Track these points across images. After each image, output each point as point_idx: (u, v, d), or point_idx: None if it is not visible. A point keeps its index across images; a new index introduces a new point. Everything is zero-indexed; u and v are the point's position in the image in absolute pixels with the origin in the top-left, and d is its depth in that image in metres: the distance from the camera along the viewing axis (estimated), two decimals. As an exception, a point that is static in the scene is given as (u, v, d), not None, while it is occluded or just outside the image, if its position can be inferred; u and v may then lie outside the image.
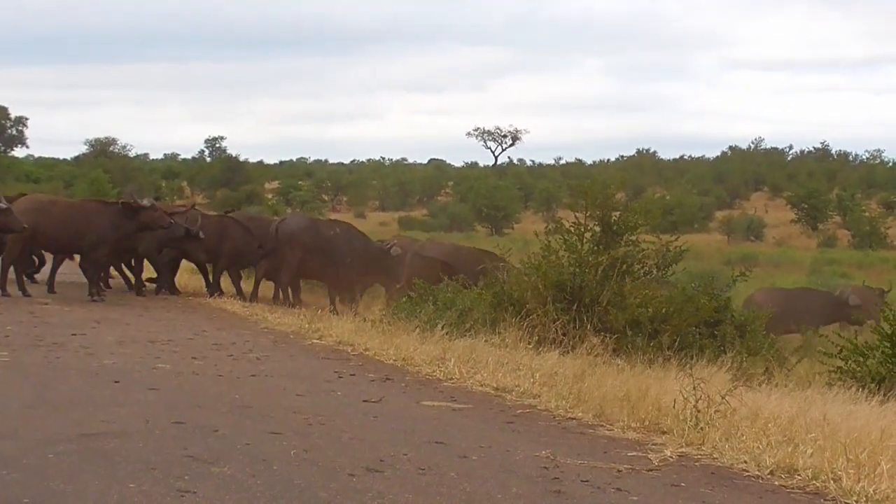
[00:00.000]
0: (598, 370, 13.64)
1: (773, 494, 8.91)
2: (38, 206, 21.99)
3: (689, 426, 10.65)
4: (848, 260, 65.36)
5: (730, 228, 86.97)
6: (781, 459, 9.59)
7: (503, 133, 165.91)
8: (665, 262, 19.39)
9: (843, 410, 11.47)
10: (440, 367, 14.57)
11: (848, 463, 9.30)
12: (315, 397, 12.39)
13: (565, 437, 10.83)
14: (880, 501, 8.53)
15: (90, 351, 15.01)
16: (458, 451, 9.85)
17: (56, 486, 8.02)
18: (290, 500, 7.91)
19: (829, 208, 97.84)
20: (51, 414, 10.69)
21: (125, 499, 7.74)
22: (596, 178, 23.10)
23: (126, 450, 9.25)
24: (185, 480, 8.30)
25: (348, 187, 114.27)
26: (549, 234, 19.05)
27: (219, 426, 10.38)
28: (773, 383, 14.22)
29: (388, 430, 10.64)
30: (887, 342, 14.61)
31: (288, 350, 16.36)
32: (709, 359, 15.32)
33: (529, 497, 8.35)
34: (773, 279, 43.35)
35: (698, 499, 8.60)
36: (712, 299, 18.53)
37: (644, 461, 9.80)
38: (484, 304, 18.01)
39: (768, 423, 10.62)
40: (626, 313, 16.90)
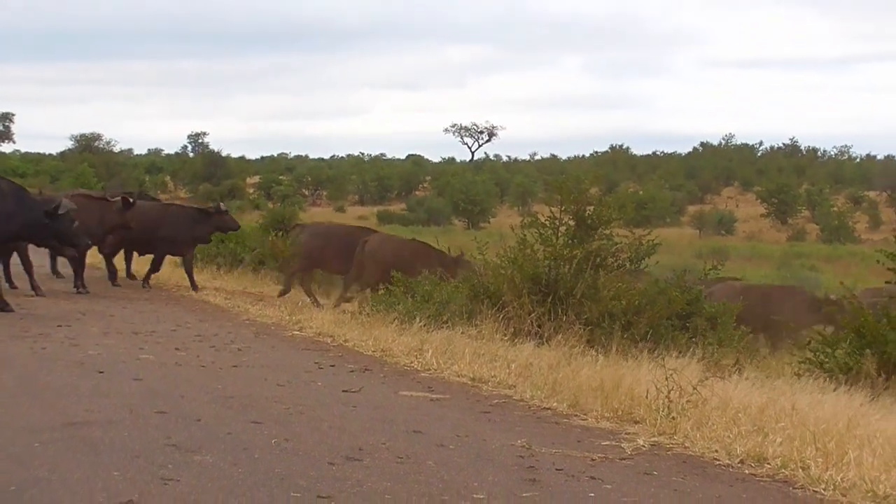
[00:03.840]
0: (573, 361, 13.66)
1: (743, 483, 8.94)
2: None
3: (661, 416, 10.68)
4: (817, 253, 65.69)
5: (701, 223, 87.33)
6: (751, 448, 9.62)
7: (480, 129, 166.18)
8: (638, 256, 19.43)
9: (812, 400, 11.51)
10: (418, 358, 14.58)
11: (816, 452, 9.33)
12: (295, 387, 12.39)
13: (540, 426, 10.84)
14: (847, 489, 8.56)
15: (75, 342, 14.98)
16: (436, 440, 9.85)
17: (41, 474, 8.01)
18: (271, 487, 7.91)
19: (798, 203, 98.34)
20: (36, 403, 10.67)
21: (109, 486, 7.73)
22: (570, 173, 23.15)
23: (110, 439, 9.24)
24: (168, 469, 8.29)
25: (328, 182, 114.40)
26: (524, 228, 19.02)
27: (201, 415, 10.38)
28: (743, 374, 14.24)
29: (367, 420, 10.64)
30: (854, 334, 14.65)
31: (269, 341, 16.35)
32: (681, 350, 15.35)
33: (505, 485, 8.36)
34: (744, 272, 43.44)
35: (670, 487, 8.62)
36: (684, 292, 18.58)
37: (617, 450, 9.82)
38: (461, 296, 18.01)
39: (738, 412, 10.65)
40: (600, 305, 16.93)
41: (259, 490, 7.83)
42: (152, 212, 24.00)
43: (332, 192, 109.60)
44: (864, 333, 14.49)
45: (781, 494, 8.61)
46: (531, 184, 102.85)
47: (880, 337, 14.28)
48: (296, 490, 7.87)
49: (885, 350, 14.15)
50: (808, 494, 8.61)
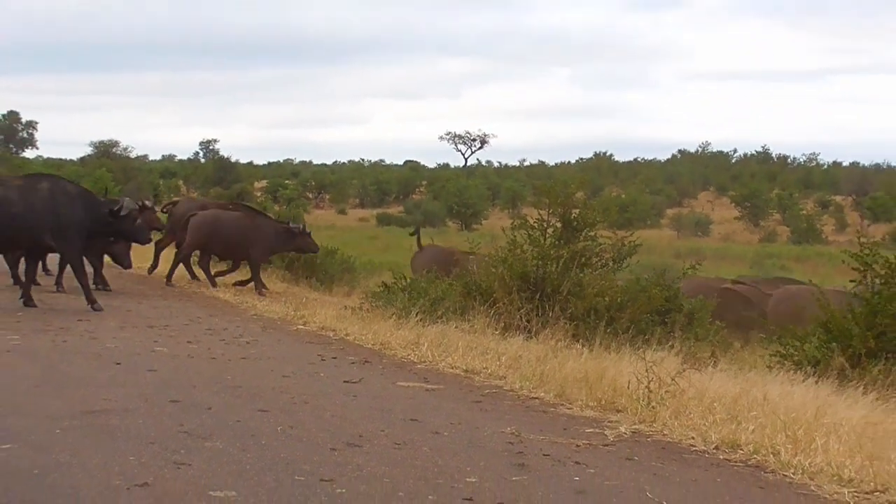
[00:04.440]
0: (560, 354, 13.64)
1: (717, 468, 8.94)
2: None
3: (641, 405, 10.68)
4: (787, 254, 65.75)
5: (679, 225, 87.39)
6: (726, 435, 9.62)
7: (473, 137, 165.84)
8: (620, 256, 19.43)
9: (782, 391, 11.51)
10: (414, 350, 14.57)
11: (786, 438, 9.33)
12: (300, 378, 12.38)
13: (529, 415, 10.84)
14: (815, 474, 8.57)
15: (94, 335, 14.98)
16: (431, 427, 9.85)
17: (62, 459, 8.01)
18: (277, 472, 7.91)
19: (769, 207, 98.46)
20: (57, 393, 10.68)
21: (126, 470, 7.73)
22: (557, 178, 23.13)
23: (127, 426, 9.24)
24: (180, 454, 8.30)
25: (330, 186, 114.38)
26: (514, 229, 19.02)
27: (212, 404, 10.37)
28: (718, 366, 14.24)
29: (367, 409, 10.64)
30: (822, 329, 14.65)
31: (275, 335, 16.35)
32: (660, 343, 15.34)
33: (496, 469, 8.36)
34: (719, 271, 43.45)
35: (650, 471, 8.62)
36: (663, 289, 18.60)
37: (600, 437, 9.82)
38: (454, 293, 18.02)
39: (714, 402, 10.65)
40: (585, 302, 16.93)
41: (266, 474, 7.83)
42: (243, 221, 24.17)
43: (334, 196, 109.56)
44: (830, 329, 14.49)
45: (754, 478, 8.61)
46: (521, 188, 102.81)
47: (846, 332, 14.28)
48: (300, 474, 7.87)
49: (851, 344, 14.14)
50: (779, 478, 8.61)
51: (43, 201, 17.85)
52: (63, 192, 18.13)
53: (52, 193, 17.96)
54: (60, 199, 17.99)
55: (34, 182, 18.37)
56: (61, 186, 18.33)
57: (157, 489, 7.32)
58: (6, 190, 17.85)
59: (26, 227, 17.82)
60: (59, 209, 17.92)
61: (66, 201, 18.02)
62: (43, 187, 18.06)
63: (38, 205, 17.81)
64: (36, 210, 17.78)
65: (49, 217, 17.83)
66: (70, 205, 18.02)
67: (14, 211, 17.66)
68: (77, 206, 18.04)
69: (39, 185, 18.12)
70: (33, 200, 17.82)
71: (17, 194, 17.80)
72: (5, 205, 17.65)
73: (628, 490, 7.97)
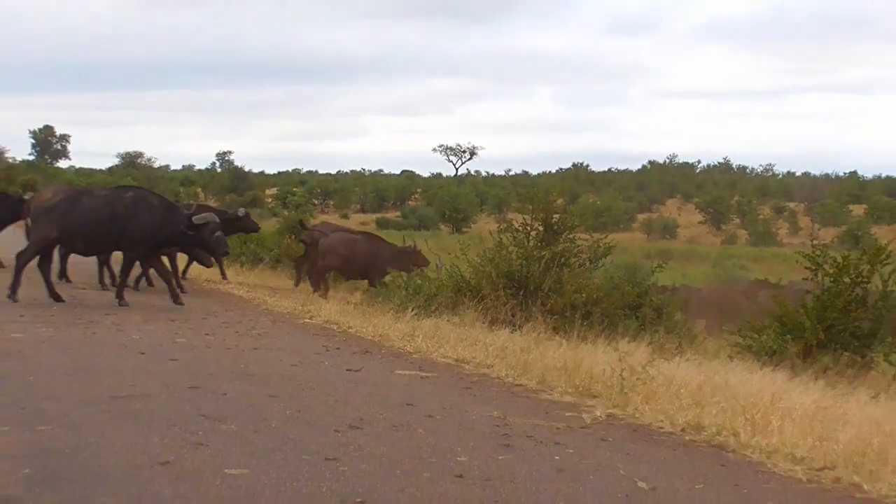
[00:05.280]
0: (541, 345, 13.65)
1: (684, 448, 8.94)
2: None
3: (615, 391, 10.68)
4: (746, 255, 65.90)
5: (649, 228, 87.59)
6: (691, 419, 9.63)
7: (463, 149, 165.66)
8: (596, 256, 19.44)
9: (742, 378, 11.52)
10: (410, 342, 14.56)
11: (745, 421, 9.33)
12: (306, 367, 12.37)
13: (514, 400, 10.83)
14: (771, 453, 8.57)
15: (120, 328, 14.95)
16: (425, 411, 9.84)
17: (92, 439, 7.99)
18: (286, 451, 7.90)
19: (730, 212, 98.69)
20: (87, 380, 10.65)
21: (149, 450, 7.71)
22: (540, 186, 23.12)
23: (150, 409, 9.23)
24: (198, 435, 8.28)
25: (334, 193, 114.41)
26: (500, 232, 19.03)
27: (227, 390, 10.36)
28: (684, 356, 14.25)
29: (367, 395, 10.62)
30: (777, 322, 14.67)
31: (284, 328, 16.33)
32: (632, 336, 15.35)
33: (484, 449, 8.35)
34: (685, 270, 43.52)
35: (623, 451, 8.61)
36: (635, 287, 18.60)
37: (578, 420, 9.82)
38: (447, 290, 18.02)
39: (680, 388, 10.65)
40: (564, 298, 16.94)
41: (276, 454, 7.81)
42: (363, 244, 24.48)
43: (337, 202, 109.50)
44: (785, 322, 14.51)
45: (716, 457, 8.61)
46: (506, 195, 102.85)
47: (799, 325, 14.30)
48: (307, 453, 7.85)
49: (803, 336, 14.17)
50: (739, 457, 8.62)
51: (125, 210, 17.96)
52: (145, 203, 18.19)
53: (134, 203, 18.05)
54: (141, 209, 18.06)
55: (120, 192, 18.53)
56: (143, 197, 18.38)
57: (177, 467, 7.31)
58: (92, 199, 17.99)
59: (108, 234, 17.95)
60: (138, 218, 17.99)
61: (147, 211, 18.09)
62: (127, 197, 18.17)
63: (120, 213, 17.92)
64: (118, 218, 17.89)
65: (128, 224, 17.92)
66: (149, 215, 18.09)
67: (97, 217, 17.78)
68: (156, 217, 18.14)
69: (125, 196, 18.25)
70: (117, 209, 17.90)
71: (103, 203, 17.93)
72: (91, 212, 17.78)
73: (603, 468, 7.97)
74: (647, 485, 7.51)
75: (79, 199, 17.88)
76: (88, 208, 17.74)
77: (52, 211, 17.75)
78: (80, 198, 17.96)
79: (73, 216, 17.69)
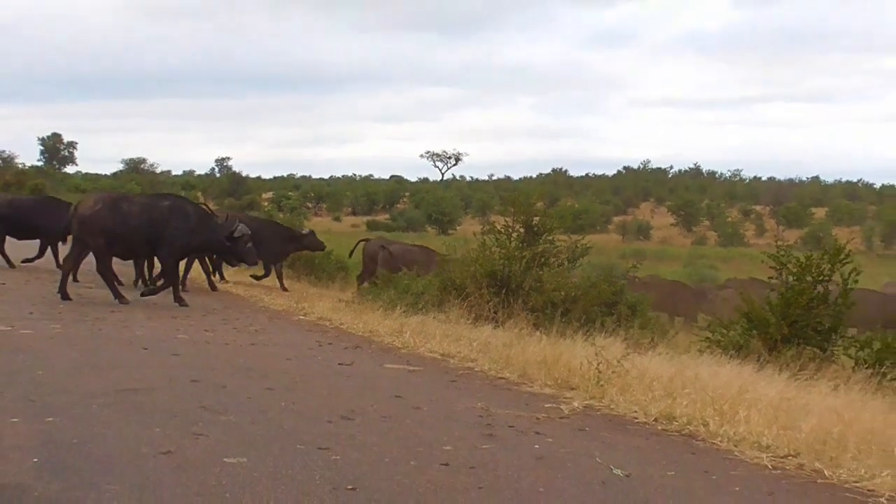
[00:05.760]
0: (522, 340, 13.65)
1: (656, 436, 8.96)
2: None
3: (592, 384, 10.69)
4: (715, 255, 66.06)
5: (624, 230, 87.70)
6: (663, 409, 9.65)
7: (448, 155, 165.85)
8: (574, 256, 19.46)
9: (711, 371, 11.53)
10: (399, 337, 14.57)
11: (714, 412, 9.36)
12: (301, 361, 12.37)
13: (496, 392, 10.84)
14: (738, 441, 8.60)
15: (125, 324, 14.94)
16: (413, 403, 9.85)
17: (98, 430, 7.99)
18: (282, 441, 7.90)
19: (700, 215, 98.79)
20: (94, 374, 10.64)
21: (153, 440, 7.71)
22: (521, 190, 23.15)
23: (153, 402, 9.22)
24: (199, 426, 8.28)
25: (327, 197, 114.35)
26: (484, 234, 19.05)
27: (226, 384, 10.35)
28: (656, 350, 14.27)
29: (358, 387, 10.63)
30: (745, 318, 14.70)
31: (280, 324, 16.33)
32: (608, 331, 15.36)
33: (468, 439, 8.36)
34: (657, 270, 43.55)
35: (599, 440, 8.63)
36: (611, 285, 18.61)
37: (557, 411, 9.83)
38: (433, 288, 18.02)
39: (653, 381, 10.67)
40: (544, 296, 16.94)
41: (272, 443, 7.81)
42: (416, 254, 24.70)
43: (330, 205, 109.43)
44: (751, 318, 14.54)
45: (687, 446, 8.64)
46: (489, 199, 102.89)
47: (764, 321, 14.33)
48: (301, 443, 7.86)
49: (768, 331, 14.20)
50: (708, 445, 8.64)
51: (161, 216, 18.05)
52: (181, 211, 18.29)
53: (170, 210, 18.15)
54: (177, 216, 18.15)
55: (158, 200, 18.61)
56: (179, 205, 18.49)
57: (178, 456, 7.31)
58: (130, 205, 18.10)
59: (145, 239, 18.06)
60: (173, 224, 18.07)
61: (182, 218, 18.19)
62: (164, 205, 18.25)
63: (157, 219, 18.02)
64: (154, 224, 17.98)
65: (163, 230, 18.01)
66: (184, 222, 18.18)
67: (135, 223, 17.88)
68: (190, 224, 18.23)
69: (162, 203, 18.33)
70: (153, 215, 18.00)
71: (140, 209, 18.04)
72: (128, 218, 17.88)
73: (581, 456, 7.98)
74: (622, 472, 7.53)
75: (118, 206, 18.01)
76: (127, 214, 17.87)
77: (95, 218, 17.88)
78: (119, 204, 18.08)
79: (112, 222, 17.81)
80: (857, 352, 13.84)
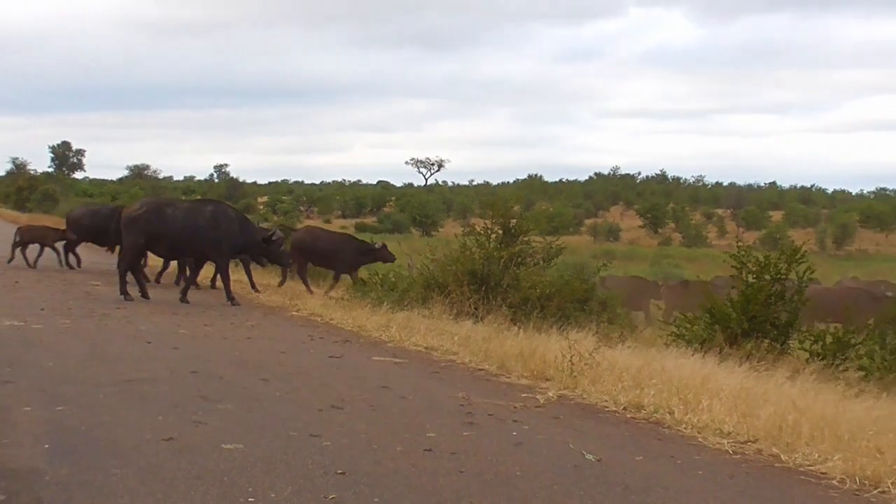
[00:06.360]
0: (501, 335, 13.66)
1: (626, 424, 8.98)
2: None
3: (565, 375, 10.71)
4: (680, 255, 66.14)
5: (595, 232, 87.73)
6: (632, 399, 9.66)
7: (432, 162, 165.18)
8: (549, 256, 19.46)
9: (676, 363, 11.54)
10: (385, 332, 14.56)
11: (679, 401, 9.38)
12: (293, 354, 12.36)
13: (476, 383, 10.85)
14: (702, 428, 8.63)
15: (130, 320, 14.92)
16: (399, 393, 9.85)
17: (104, 418, 7.99)
18: (276, 428, 7.90)
19: (666, 218, 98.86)
20: (101, 365, 10.63)
21: (155, 427, 7.71)
22: (499, 195, 23.15)
23: (156, 392, 9.21)
24: (198, 414, 8.27)
25: (318, 201, 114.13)
26: (465, 235, 19.03)
27: (223, 375, 10.34)
28: (626, 344, 14.28)
29: (347, 378, 10.62)
30: (708, 314, 14.73)
31: (274, 320, 16.31)
32: (580, 326, 15.36)
33: (450, 426, 8.37)
34: (627, 269, 43.63)
35: (573, 427, 8.64)
36: (583, 283, 18.62)
37: (533, 400, 9.85)
38: (417, 286, 18.00)
39: (622, 372, 10.68)
40: (521, 293, 16.94)
41: (267, 430, 7.81)
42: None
43: (321, 209, 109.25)
44: (714, 313, 14.56)
45: (654, 432, 8.66)
46: (470, 203, 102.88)
47: (726, 316, 14.36)
48: (294, 430, 7.86)
49: (730, 326, 14.23)
50: (674, 432, 8.66)
51: (205, 221, 18.24)
52: (224, 215, 18.49)
53: (213, 215, 18.37)
54: (220, 220, 18.36)
55: (201, 206, 18.85)
56: (222, 210, 18.73)
57: (179, 442, 7.30)
58: (174, 210, 18.32)
59: (189, 241, 18.23)
60: (217, 228, 18.27)
61: (225, 222, 18.38)
62: (207, 210, 18.49)
63: (201, 223, 18.20)
64: (199, 227, 18.16)
65: (209, 233, 18.20)
66: (227, 225, 18.36)
67: (179, 227, 18.08)
68: (233, 227, 18.42)
69: (205, 209, 18.57)
70: (198, 220, 18.19)
71: (184, 214, 18.25)
72: (173, 222, 18.08)
73: (555, 442, 8.00)
74: (594, 457, 7.54)
75: (163, 210, 18.23)
76: (171, 218, 18.10)
77: (138, 221, 18.05)
78: (163, 209, 18.30)
79: (156, 225, 18.02)
80: (811, 345, 13.87)
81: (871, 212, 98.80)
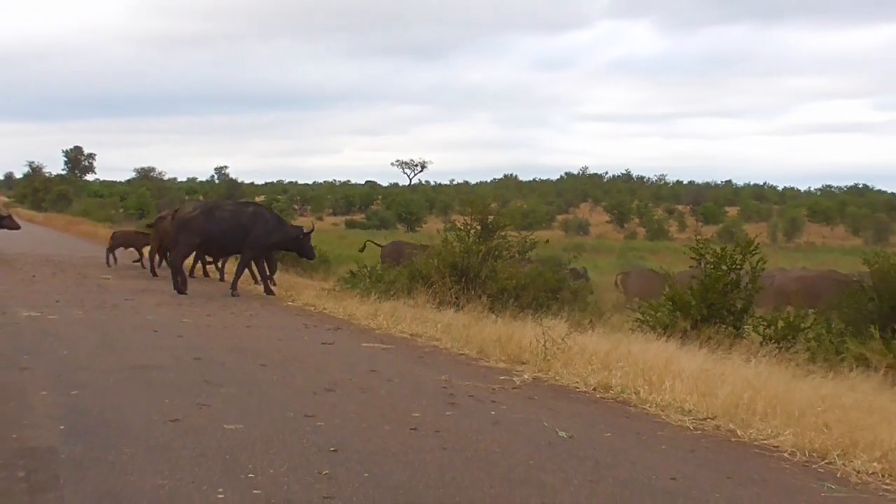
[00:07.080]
0: (480, 322, 13.67)
1: (595, 404, 9.00)
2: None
3: (540, 359, 10.73)
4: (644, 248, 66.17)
5: (566, 227, 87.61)
6: (601, 380, 9.69)
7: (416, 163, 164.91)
8: (524, 250, 19.49)
9: (642, 347, 11.56)
10: (374, 320, 14.57)
11: (644, 382, 9.41)
12: (289, 341, 12.35)
13: (457, 366, 10.86)
14: (665, 407, 8.66)
15: (137, 311, 14.89)
16: (386, 376, 9.86)
17: (115, 401, 7.98)
18: (273, 410, 7.90)
19: (631, 214, 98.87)
20: (111, 353, 10.61)
21: (162, 409, 7.70)
22: (478, 193, 23.21)
23: (162, 377, 9.20)
24: (202, 397, 8.27)
25: (311, 200, 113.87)
26: (446, 231, 19.06)
27: (225, 361, 10.34)
28: (595, 330, 14.30)
29: (339, 363, 10.63)
30: (670, 301, 14.76)
31: (271, 310, 16.28)
32: (553, 314, 15.39)
33: (434, 407, 8.38)
34: (596, 261, 43.69)
35: (546, 407, 8.66)
36: (555, 274, 18.66)
37: (510, 382, 9.86)
38: (403, 278, 18.00)
39: (592, 356, 10.70)
40: (498, 284, 16.96)
41: (265, 412, 7.81)
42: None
43: (314, 207, 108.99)
44: (676, 301, 14.60)
45: (621, 411, 8.69)
46: (451, 200, 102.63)
47: (687, 304, 14.40)
48: (290, 411, 7.86)
49: (690, 313, 14.26)
50: (639, 411, 8.69)
51: (248, 219, 18.47)
52: (262, 216, 18.72)
53: (254, 215, 18.59)
54: (260, 220, 18.58)
55: (243, 207, 19.09)
56: (261, 212, 18.97)
57: (184, 423, 7.30)
58: (222, 212, 18.55)
59: (234, 240, 18.46)
60: (258, 226, 18.46)
61: (264, 222, 18.59)
62: (248, 211, 18.74)
63: (244, 222, 18.42)
64: (243, 226, 18.37)
65: (251, 230, 18.39)
66: (265, 225, 18.56)
67: (227, 227, 18.31)
68: (270, 226, 18.63)
69: (246, 210, 18.81)
70: (241, 220, 18.41)
71: (230, 215, 18.49)
72: (222, 222, 18.32)
73: (530, 421, 8.02)
74: (566, 434, 7.56)
75: (213, 213, 18.45)
76: (219, 219, 18.33)
77: (194, 222, 18.22)
78: (213, 211, 18.51)
79: (209, 226, 18.23)
80: (765, 330, 13.92)
81: (818, 207, 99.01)
